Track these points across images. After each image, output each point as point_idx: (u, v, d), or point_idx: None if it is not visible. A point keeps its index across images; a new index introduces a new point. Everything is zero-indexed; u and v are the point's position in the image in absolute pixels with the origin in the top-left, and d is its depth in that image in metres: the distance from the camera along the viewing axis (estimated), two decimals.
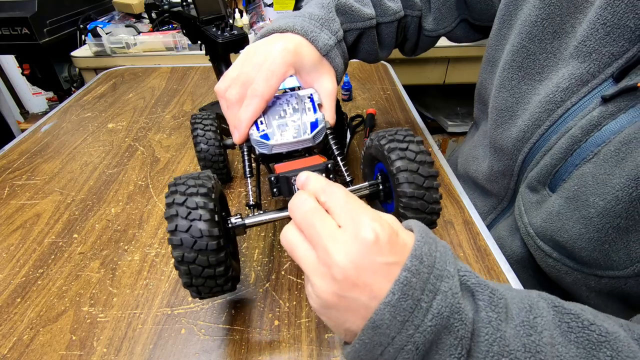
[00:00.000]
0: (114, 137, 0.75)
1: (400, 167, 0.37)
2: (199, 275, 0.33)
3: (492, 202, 0.56)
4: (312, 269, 0.26)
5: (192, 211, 0.33)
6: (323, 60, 0.45)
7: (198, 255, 0.32)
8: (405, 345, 0.24)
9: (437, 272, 0.25)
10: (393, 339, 0.24)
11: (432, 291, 0.24)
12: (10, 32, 1.09)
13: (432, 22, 0.59)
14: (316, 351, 0.39)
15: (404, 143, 0.38)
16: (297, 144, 0.41)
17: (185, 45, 1.14)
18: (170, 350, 0.39)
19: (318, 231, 0.26)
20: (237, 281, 0.38)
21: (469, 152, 0.62)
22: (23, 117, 1.82)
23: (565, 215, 0.40)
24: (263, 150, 0.40)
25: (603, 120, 0.38)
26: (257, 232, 0.52)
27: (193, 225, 0.32)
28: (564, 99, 0.42)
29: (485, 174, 0.55)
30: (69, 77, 1.30)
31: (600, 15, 0.37)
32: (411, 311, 0.24)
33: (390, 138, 0.39)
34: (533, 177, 0.45)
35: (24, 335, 0.40)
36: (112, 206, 0.57)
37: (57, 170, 0.65)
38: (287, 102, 0.43)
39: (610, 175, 0.36)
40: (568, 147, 0.41)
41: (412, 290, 0.24)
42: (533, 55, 0.45)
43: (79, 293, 0.45)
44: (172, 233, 0.32)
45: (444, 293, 0.24)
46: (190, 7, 0.70)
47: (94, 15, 1.29)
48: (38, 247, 0.51)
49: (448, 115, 1.46)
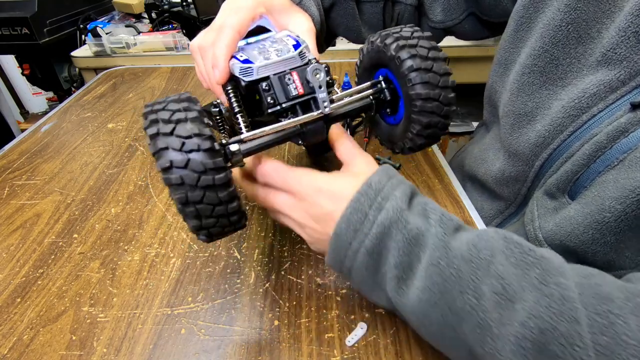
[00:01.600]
0: (114, 137, 0.75)
1: (413, 66, 0.33)
2: (210, 215, 0.29)
3: (500, 206, 0.55)
4: (291, 227, 0.37)
5: (186, 141, 0.28)
6: (294, 6, 0.45)
7: (205, 193, 0.28)
8: (360, 248, 0.32)
9: (384, 195, 0.33)
10: (350, 244, 0.32)
11: (378, 208, 0.32)
12: (10, 32, 1.09)
13: (440, 13, 0.58)
14: (316, 351, 0.39)
15: (414, 39, 0.35)
16: (283, 63, 0.36)
17: (185, 45, 1.14)
18: (170, 350, 0.39)
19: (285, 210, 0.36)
20: (246, 217, 0.35)
21: (478, 154, 0.61)
22: (23, 117, 1.82)
23: (576, 220, 0.40)
24: (249, 77, 0.35)
25: (631, 127, 0.37)
26: (257, 232, 0.52)
27: (192, 159, 0.27)
28: (590, 105, 0.41)
29: (495, 177, 0.55)
30: (69, 77, 1.30)
31: (632, 23, 0.37)
32: (361, 222, 0.32)
33: (396, 36, 0.35)
34: (552, 184, 0.44)
35: (24, 335, 0.40)
36: (112, 206, 0.57)
37: (57, 170, 0.65)
38: (263, 42, 0.39)
39: (632, 179, 0.35)
40: (591, 153, 0.40)
41: (361, 206, 0.32)
42: (556, 60, 0.44)
43: (79, 293, 0.45)
44: (167, 171, 0.27)
45: (387, 210, 0.32)
46: (190, 7, 0.70)
47: (94, 15, 1.29)
48: (38, 247, 0.51)
49: None
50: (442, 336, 0.32)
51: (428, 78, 0.34)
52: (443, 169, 0.65)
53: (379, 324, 0.41)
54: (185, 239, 0.52)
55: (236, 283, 0.46)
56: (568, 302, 0.26)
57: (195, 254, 0.49)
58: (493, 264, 0.29)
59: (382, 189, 0.33)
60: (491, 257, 0.29)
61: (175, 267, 0.48)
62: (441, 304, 0.30)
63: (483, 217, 0.56)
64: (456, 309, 0.29)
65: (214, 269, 0.47)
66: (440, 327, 0.31)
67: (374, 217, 0.32)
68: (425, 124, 0.36)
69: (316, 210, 0.34)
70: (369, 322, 0.41)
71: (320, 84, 0.34)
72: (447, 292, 0.30)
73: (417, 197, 0.35)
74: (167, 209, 0.57)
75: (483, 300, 0.28)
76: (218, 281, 0.46)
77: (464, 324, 0.29)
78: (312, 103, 0.36)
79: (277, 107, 0.35)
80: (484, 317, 0.28)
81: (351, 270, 0.34)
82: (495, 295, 0.28)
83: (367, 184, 0.33)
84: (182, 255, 0.49)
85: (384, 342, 0.40)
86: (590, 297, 0.26)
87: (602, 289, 0.27)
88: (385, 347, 0.39)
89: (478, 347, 0.29)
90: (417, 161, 0.67)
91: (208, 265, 0.48)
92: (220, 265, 0.48)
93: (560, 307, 0.26)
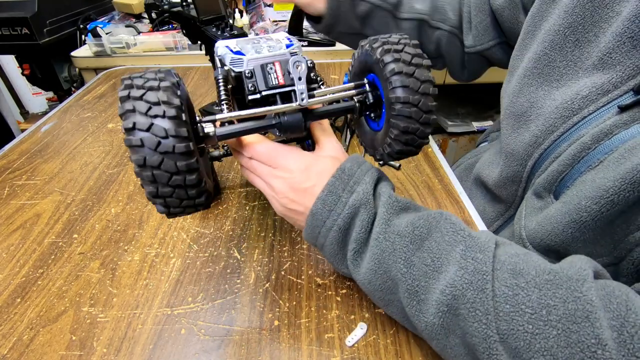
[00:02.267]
0: (114, 137, 0.75)
1: (395, 69, 0.34)
2: (166, 183, 0.29)
3: (500, 209, 0.56)
4: (267, 196, 0.41)
5: (153, 107, 0.28)
6: None
7: (164, 159, 0.28)
8: (333, 226, 0.37)
9: (355, 179, 0.37)
10: (324, 223, 0.37)
11: (350, 191, 0.36)
12: (10, 32, 1.09)
13: (471, 39, 0.64)
14: (316, 351, 0.39)
15: (400, 45, 0.36)
16: (273, 58, 0.37)
17: (185, 45, 1.14)
18: (170, 350, 0.39)
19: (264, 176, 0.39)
20: (211, 198, 0.35)
21: (487, 157, 0.62)
22: (23, 117, 1.82)
23: (556, 219, 0.40)
24: (238, 67, 0.37)
25: (615, 129, 0.38)
26: (257, 232, 0.52)
27: (155, 123, 0.28)
28: (582, 107, 0.41)
29: (495, 180, 0.55)
30: (69, 77, 1.30)
31: (628, 28, 0.37)
32: (335, 203, 0.36)
33: (383, 41, 0.37)
34: (540, 184, 0.45)
35: (24, 335, 0.40)
36: (112, 206, 0.57)
37: (57, 170, 0.65)
38: (259, 39, 0.41)
39: (606, 179, 0.36)
40: (576, 154, 0.41)
41: (335, 189, 0.37)
42: (553, 62, 0.45)
43: (79, 293, 0.45)
44: (129, 132, 0.28)
45: (358, 192, 0.36)
46: (190, 7, 0.70)
47: (94, 15, 1.29)
48: (38, 247, 0.51)
49: (448, 115, 1.46)
50: (385, 301, 0.37)
51: (409, 83, 0.34)
52: (443, 169, 0.65)
53: (379, 324, 0.41)
54: (185, 239, 0.52)
55: (236, 283, 0.46)
56: (479, 274, 0.30)
57: (195, 254, 0.49)
58: (427, 240, 0.34)
59: (354, 174, 0.37)
60: (427, 234, 0.34)
61: (175, 267, 0.48)
62: (380, 272, 0.36)
63: (485, 219, 0.56)
64: (391, 276, 0.35)
65: (214, 269, 0.47)
66: (383, 293, 0.37)
67: (346, 199, 0.36)
68: (403, 128, 0.36)
69: (298, 185, 0.38)
70: (369, 322, 0.41)
71: (300, 76, 0.35)
72: (384, 262, 0.35)
73: (382, 181, 0.39)
74: None
75: (413, 269, 0.34)
76: (218, 281, 0.46)
77: (399, 289, 0.35)
78: (292, 96, 0.37)
79: (256, 94, 0.36)
80: (411, 284, 0.33)
81: (324, 245, 0.38)
82: (425, 267, 0.33)
83: (341, 169, 0.37)
84: (182, 255, 0.49)
85: (384, 342, 0.40)
86: (504, 272, 0.30)
87: (519, 266, 0.30)
88: (385, 347, 0.39)
89: (408, 309, 0.34)
90: (417, 161, 0.67)
91: (208, 265, 0.48)
92: (220, 265, 0.48)
93: (470, 278, 0.30)
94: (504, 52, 0.63)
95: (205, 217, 0.55)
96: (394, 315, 0.38)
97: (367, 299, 0.44)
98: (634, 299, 0.26)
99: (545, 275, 0.29)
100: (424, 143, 0.39)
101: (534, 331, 0.27)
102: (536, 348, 0.27)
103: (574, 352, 0.26)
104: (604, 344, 0.25)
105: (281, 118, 0.37)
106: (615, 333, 0.25)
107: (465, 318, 0.30)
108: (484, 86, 1.20)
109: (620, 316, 0.26)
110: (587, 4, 0.41)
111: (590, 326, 0.26)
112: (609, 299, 0.27)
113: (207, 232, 0.53)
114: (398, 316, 0.38)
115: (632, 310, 0.26)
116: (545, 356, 0.27)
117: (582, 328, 0.26)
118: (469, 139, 1.42)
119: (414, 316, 0.34)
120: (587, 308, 0.26)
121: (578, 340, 0.26)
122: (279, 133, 0.39)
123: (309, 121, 0.39)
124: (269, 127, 0.37)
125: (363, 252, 0.37)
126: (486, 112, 1.47)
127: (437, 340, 0.33)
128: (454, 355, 0.33)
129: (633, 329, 0.25)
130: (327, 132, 0.42)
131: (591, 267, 0.29)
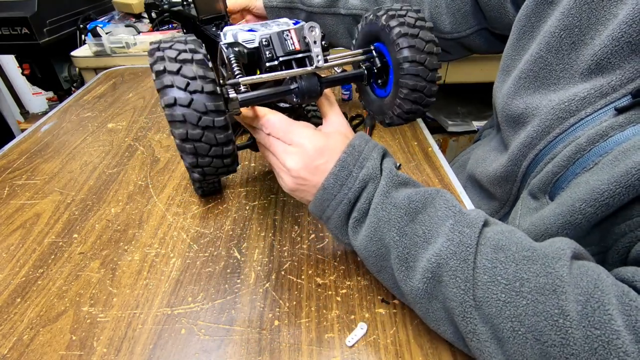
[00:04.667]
0: (113, 137, 0.75)
1: (401, 32, 0.37)
2: (206, 154, 0.31)
3: (495, 206, 0.56)
4: (278, 171, 0.42)
5: (191, 82, 0.29)
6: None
7: (204, 133, 0.30)
8: (343, 199, 0.39)
9: (364, 155, 0.39)
10: (335, 196, 0.39)
11: (360, 166, 0.39)
12: (10, 32, 1.09)
13: (448, 25, 0.63)
14: (316, 351, 0.38)
15: (402, 11, 0.39)
16: (288, 27, 0.40)
17: None
18: (170, 350, 0.39)
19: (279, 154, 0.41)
20: (238, 162, 0.38)
21: (481, 154, 0.62)
22: (23, 117, 1.82)
23: (549, 220, 0.40)
24: (251, 44, 0.39)
25: (611, 131, 0.38)
26: (257, 232, 0.52)
27: (195, 99, 0.29)
28: (579, 108, 0.41)
29: (490, 177, 0.55)
30: (69, 77, 1.30)
31: (625, 32, 0.37)
32: (346, 178, 0.39)
33: (387, 9, 0.40)
34: (535, 184, 0.45)
35: (24, 335, 0.40)
36: (112, 206, 0.57)
37: (57, 170, 0.65)
38: (267, 23, 0.43)
39: (600, 181, 0.36)
40: (571, 155, 0.41)
41: (347, 165, 0.39)
42: (550, 65, 0.45)
43: (79, 293, 0.45)
44: (170, 107, 0.29)
45: (367, 167, 0.39)
46: (190, 7, 0.70)
47: (93, 15, 1.29)
48: (38, 247, 0.51)
49: (448, 115, 1.46)
50: (378, 267, 0.40)
51: (414, 43, 0.37)
52: (443, 169, 0.64)
53: (379, 324, 0.41)
54: (185, 238, 0.52)
55: (236, 283, 0.46)
56: (463, 246, 0.33)
57: (195, 254, 0.49)
58: (421, 213, 0.37)
59: (363, 150, 0.40)
60: (422, 208, 0.37)
61: (175, 267, 0.48)
62: (375, 239, 0.38)
63: None
64: (385, 244, 0.38)
65: (214, 269, 0.47)
66: (376, 259, 0.39)
67: (357, 174, 0.39)
68: (412, 86, 0.39)
69: (312, 162, 0.39)
70: (369, 322, 0.41)
71: (315, 40, 0.37)
72: (380, 230, 0.38)
73: (386, 157, 0.42)
74: (167, 209, 0.57)
75: (405, 239, 0.36)
76: (218, 281, 0.46)
77: (391, 256, 0.37)
78: (307, 61, 0.39)
79: (274, 61, 0.38)
80: (402, 252, 0.36)
81: (330, 217, 0.41)
82: (416, 237, 0.36)
83: (351, 145, 0.40)
84: (182, 255, 0.49)
85: (384, 342, 0.40)
86: (487, 247, 0.33)
87: (502, 242, 0.33)
88: (385, 347, 0.39)
89: (397, 273, 0.37)
90: (417, 161, 0.67)
91: (208, 265, 0.48)
92: (220, 265, 0.48)
93: (455, 249, 0.33)
94: (484, 39, 0.64)
95: (205, 217, 0.55)
96: (384, 281, 0.41)
97: (367, 299, 0.44)
98: (605, 279, 0.29)
99: (524, 252, 0.32)
100: (431, 102, 0.42)
101: (506, 299, 0.31)
102: (506, 315, 0.30)
103: (539, 320, 0.29)
104: (566, 315, 0.28)
105: (298, 82, 0.39)
106: (580, 306, 0.28)
107: (447, 284, 0.33)
108: (484, 86, 1.20)
109: (587, 292, 0.28)
110: (584, 6, 0.41)
111: (556, 298, 0.29)
112: (581, 277, 0.29)
113: (207, 232, 0.53)
114: (388, 283, 0.40)
115: (599, 288, 0.28)
116: (513, 322, 0.30)
117: (549, 299, 0.29)
118: (469, 139, 1.42)
119: (402, 281, 0.37)
120: (556, 282, 0.29)
121: (544, 310, 0.29)
122: (296, 99, 0.40)
123: (323, 86, 0.41)
124: (288, 92, 0.40)
125: (363, 222, 0.39)
126: (486, 112, 1.47)
127: (421, 304, 0.36)
128: (435, 319, 0.36)
129: (597, 304, 0.28)
130: (333, 106, 0.44)
131: (570, 248, 0.31)
